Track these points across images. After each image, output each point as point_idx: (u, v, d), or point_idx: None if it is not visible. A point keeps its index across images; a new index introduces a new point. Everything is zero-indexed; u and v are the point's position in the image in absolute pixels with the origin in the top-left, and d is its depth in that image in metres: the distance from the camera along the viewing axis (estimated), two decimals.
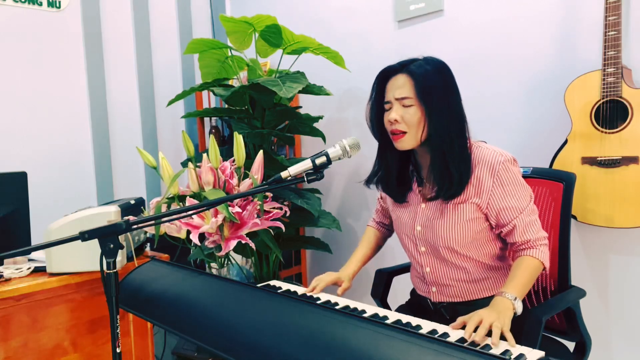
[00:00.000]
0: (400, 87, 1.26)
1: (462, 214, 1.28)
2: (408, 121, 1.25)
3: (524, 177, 1.32)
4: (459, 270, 1.35)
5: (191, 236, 1.65)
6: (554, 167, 1.71)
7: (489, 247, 1.34)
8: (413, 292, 1.55)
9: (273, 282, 1.52)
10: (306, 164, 1.19)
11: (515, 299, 1.14)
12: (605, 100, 1.59)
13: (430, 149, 1.28)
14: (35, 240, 1.77)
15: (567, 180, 1.46)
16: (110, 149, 2.81)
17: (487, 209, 1.27)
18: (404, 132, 1.26)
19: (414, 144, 1.28)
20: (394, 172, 1.39)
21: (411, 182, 1.40)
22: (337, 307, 1.21)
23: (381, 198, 1.61)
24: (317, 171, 1.20)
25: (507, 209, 1.26)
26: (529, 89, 1.94)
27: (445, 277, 1.37)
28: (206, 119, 3.08)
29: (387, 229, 1.64)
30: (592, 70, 1.63)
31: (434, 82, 1.24)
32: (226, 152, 2.35)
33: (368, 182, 1.46)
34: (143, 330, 1.78)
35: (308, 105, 2.84)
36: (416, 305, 1.51)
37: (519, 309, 1.14)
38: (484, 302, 1.25)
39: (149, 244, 1.99)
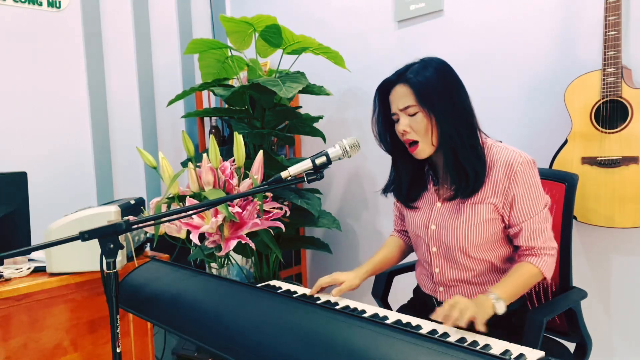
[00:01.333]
0: (401, 97, 1.26)
1: (478, 215, 1.28)
2: (416, 129, 1.26)
3: None
4: (467, 272, 1.34)
5: (191, 236, 1.65)
6: (554, 167, 1.71)
7: (503, 249, 1.33)
8: (416, 290, 1.55)
9: (273, 282, 1.52)
10: (306, 164, 1.19)
11: (498, 299, 1.14)
12: (605, 100, 1.59)
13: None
14: (35, 240, 1.77)
15: (569, 181, 1.45)
16: (110, 149, 2.81)
17: (503, 208, 1.27)
18: (417, 142, 1.27)
19: (429, 151, 1.28)
20: (407, 180, 1.40)
21: (427, 182, 1.40)
22: (337, 307, 1.21)
23: (397, 202, 1.55)
24: (317, 171, 1.20)
25: (518, 211, 1.26)
26: (529, 89, 1.93)
27: (453, 279, 1.36)
28: (206, 119, 3.08)
29: (409, 237, 1.56)
30: (592, 70, 1.63)
31: (433, 85, 1.24)
32: (226, 152, 2.35)
33: (385, 191, 1.47)
34: (143, 330, 1.78)
35: (308, 105, 2.84)
36: (420, 304, 1.51)
37: (500, 310, 1.14)
38: None
39: (149, 244, 1.99)
